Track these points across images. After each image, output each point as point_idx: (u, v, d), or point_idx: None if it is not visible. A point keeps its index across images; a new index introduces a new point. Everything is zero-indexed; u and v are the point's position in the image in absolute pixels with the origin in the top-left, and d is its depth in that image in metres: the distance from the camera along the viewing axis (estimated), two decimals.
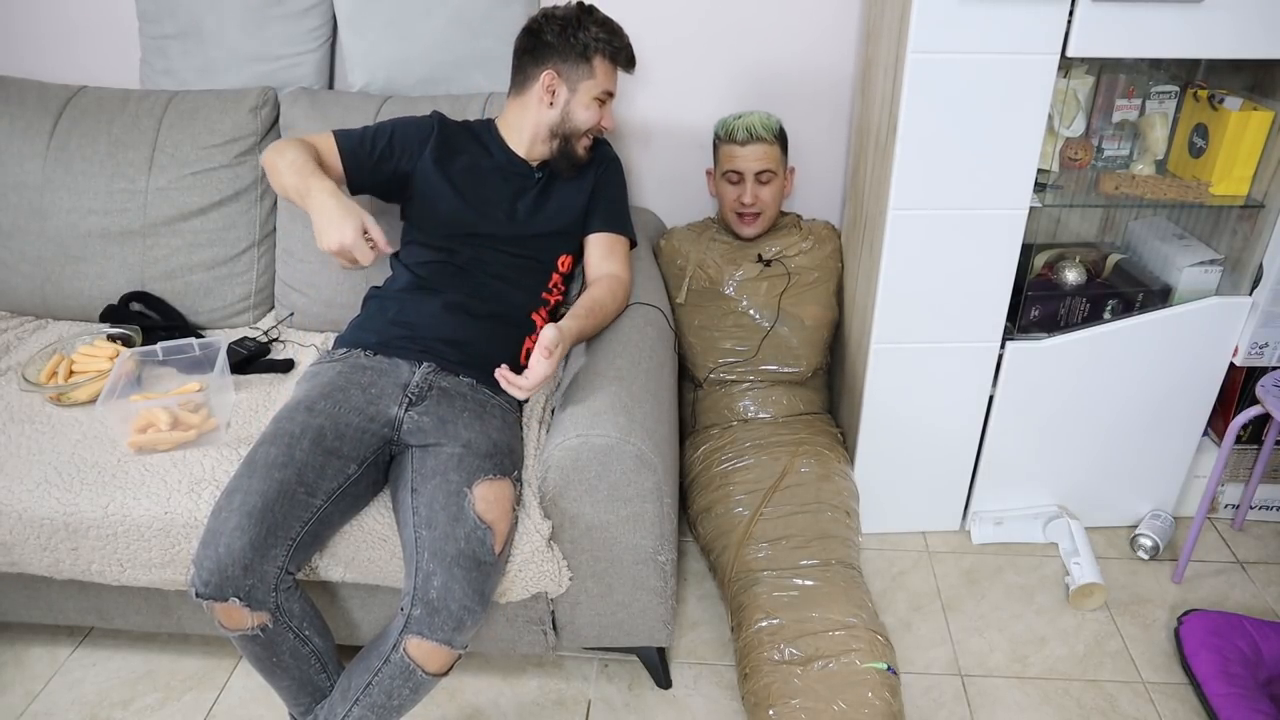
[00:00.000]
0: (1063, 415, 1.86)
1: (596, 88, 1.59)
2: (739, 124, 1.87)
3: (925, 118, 1.55)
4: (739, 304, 1.94)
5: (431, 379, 1.47)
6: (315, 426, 1.36)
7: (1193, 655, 1.65)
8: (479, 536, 1.29)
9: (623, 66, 1.63)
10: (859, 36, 1.94)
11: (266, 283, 1.92)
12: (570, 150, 1.62)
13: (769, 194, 1.90)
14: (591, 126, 1.62)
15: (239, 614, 1.26)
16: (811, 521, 1.72)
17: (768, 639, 1.55)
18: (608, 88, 1.61)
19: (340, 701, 1.32)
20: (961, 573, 1.91)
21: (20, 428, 1.56)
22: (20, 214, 1.85)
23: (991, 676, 1.68)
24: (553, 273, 1.66)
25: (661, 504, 1.40)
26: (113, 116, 1.87)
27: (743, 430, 1.91)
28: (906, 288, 1.71)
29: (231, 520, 1.25)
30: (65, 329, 1.87)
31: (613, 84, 1.62)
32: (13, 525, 1.42)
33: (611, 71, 1.61)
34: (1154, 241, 1.85)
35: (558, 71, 1.58)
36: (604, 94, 1.61)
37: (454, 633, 1.25)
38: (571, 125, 1.60)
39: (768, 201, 1.90)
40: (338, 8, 1.91)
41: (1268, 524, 2.04)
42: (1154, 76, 1.70)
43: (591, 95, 1.59)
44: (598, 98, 1.60)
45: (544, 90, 1.59)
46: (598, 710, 1.63)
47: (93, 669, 1.71)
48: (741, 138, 1.86)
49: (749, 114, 1.88)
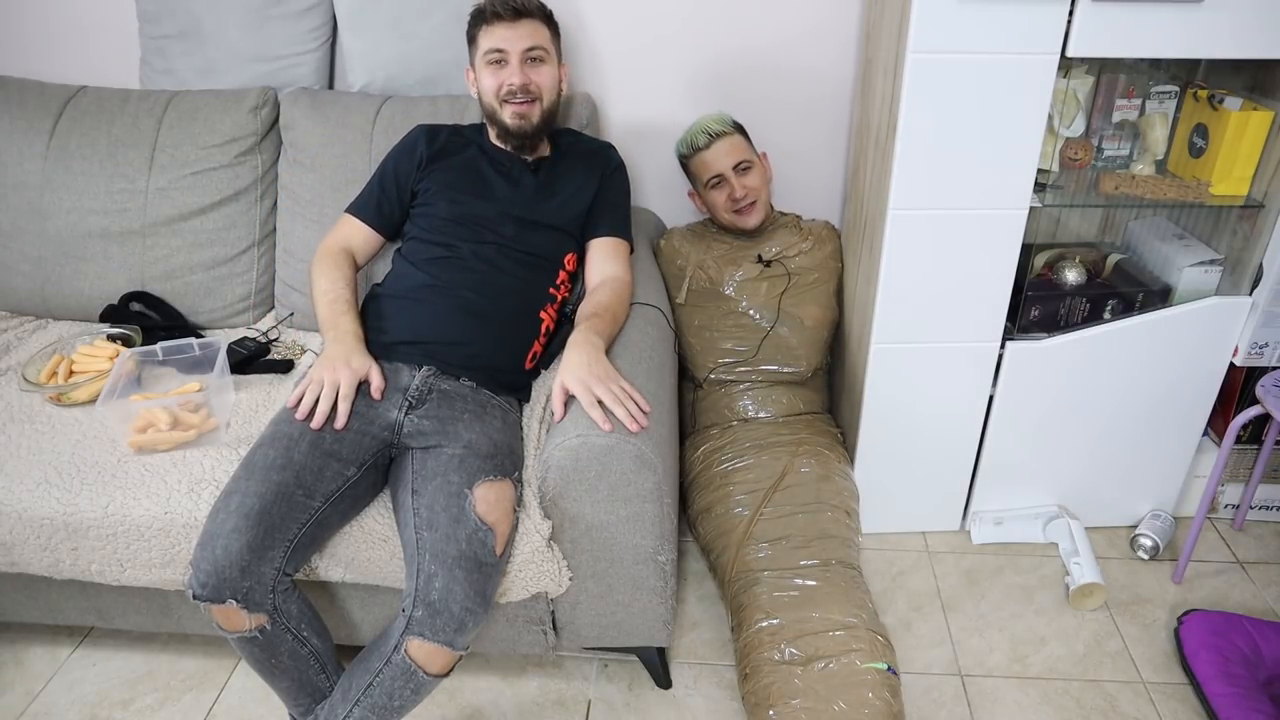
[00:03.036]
0: (1063, 415, 1.86)
1: (482, 52, 1.59)
2: (695, 131, 1.90)
3: (925, 118, 1.55)
4: (739, 304, 1.94)
5: (432, 382, 1.47)
6: (314, 429, 1.36)
7: (1193, 655, 1.65)
8: (480, 538, 1.29)
9: (496, 19, 1.57)
10: (859, 36, 1.94)
11: (266, 283, 1.92)
12: (502, 124, 1.61)
13: (755, 180, 1.91)
14: (497, 91, 1.59)
15: (237, 616, 1.26)
16: (811, 521, 1.72)
17: (768, 639, 1.55)
18: (493, 45, 1.57)
19: (341, 702, 1.32)
20: (961, 573, 1.91)
21: (20, 428, 1.56)
22: (20, 214, 1.85)
23: (991, 676, 1.68)
24: (559, 269, 1.65)
25: (661, 504, 1.40)
26: (113, 116, 1.87)
27: (743, 430, 1.91)
28: (906, 288, 1.71)
29: (229, 522, 1.25)
30: (65, 329, 1.87)
31: (500, 40, 1.57)
32: (13, 525, 1.42)
33: (492, 29, 1.58)
34: (1154, 241, 1.85)
35: (470, 64, 1.64)
36: (491, 53, 1.58)
37: (455, 634, 1.25)
38: (486, 101, 1.62)
39: (757, 187, 1.91)
40: (338, 8, 1.90)
41: (1268, 524, 2.04)
42: (1154, 76, 1.70)
43: (486, 63, 1.59)
44: (488, 61, 1.59)
45: (470, 87, 1.66)
46: (598, 710, 1.63)
47: (93, 669, 1.71)
48: (704, 142, 1.88)
49: (699, 120, 1.91)
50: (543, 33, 1.60)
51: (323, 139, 1.83)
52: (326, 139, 1.83)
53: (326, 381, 1.40)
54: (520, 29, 1.57)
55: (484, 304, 1.54)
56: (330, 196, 1.81)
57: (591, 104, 1.90)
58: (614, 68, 2.00)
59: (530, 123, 1.60)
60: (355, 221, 1.66)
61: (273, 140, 1.90)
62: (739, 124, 1.92)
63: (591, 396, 1.37)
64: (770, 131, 2.04)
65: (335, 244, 1.64)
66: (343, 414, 1.38)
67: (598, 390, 1.37)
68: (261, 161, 1.89)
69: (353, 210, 1.67)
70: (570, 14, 1.95)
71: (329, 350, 1.46)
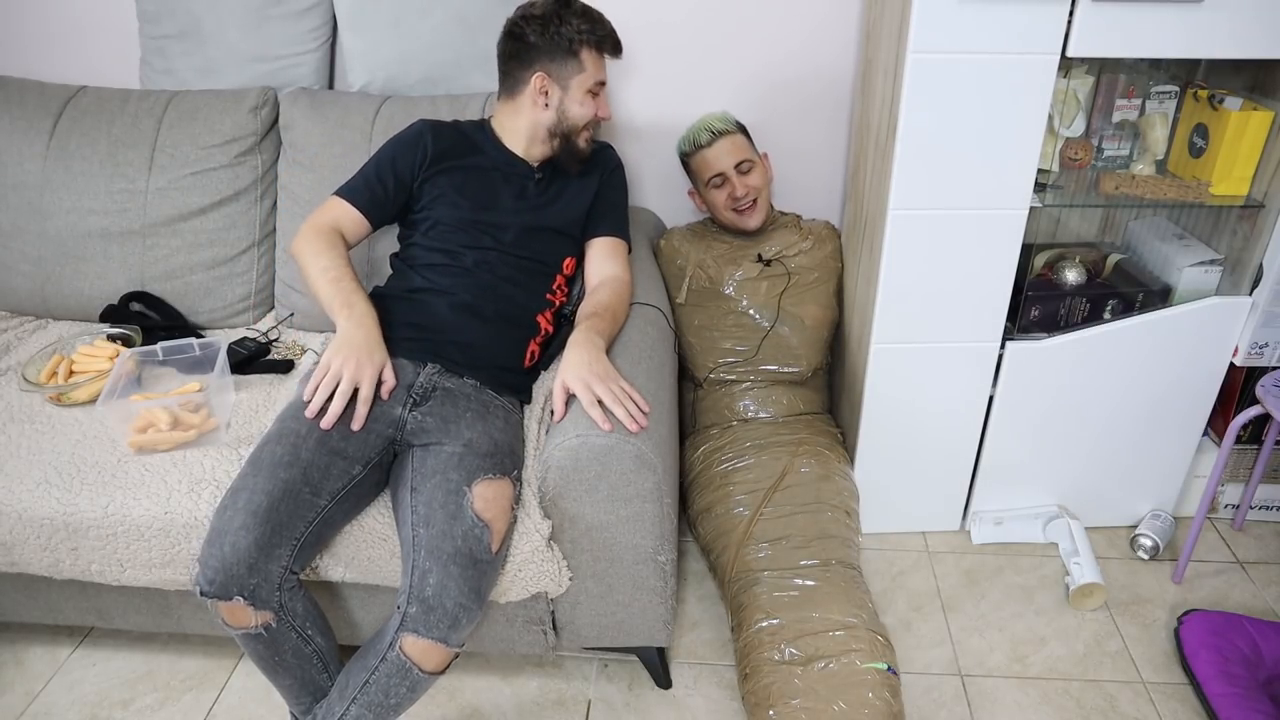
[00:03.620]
0: (1063, 415, 1.86)
1: (588, 80, 1.58)
2: (698, 129, 1.89)
3: (925, 118, 1.55)
4: (739, 304, 1.94)
5: (436, 380, 1.47)
6: (321, 426, 1.36)
7: (1193, 655, 1.65)
8: (476, 535, 1.29)
9: (610, 53, 1.61)
10: (859, 36, 1.94)
11: (266, 283, 1.92)
12: (573, 147, 1.61)
13: (756, 180, 1.91)
14: (590, 120, 1.61)
15: (243, 613, 1.26)
16: (811, 521, 1.72)
17: (768, 639, 1.55)
18: (599, 78, 1.59)
19: (338, 700, 1.32)
20: (961, 573, 1.91)
21: (20, 428, 1.56)
22: (20, 214, 1.85)
23: (991, 676, 1.68)
24: (557, 274, 1.65)
25: (661, 504, 1.40)
26: (113, 116, 1.87)
27: (743, 430, 1.91)
28: (906, 288, 1.71)
29: (237, 519, 1.25)
30: (65, 329, 1.87)
31: (603, 73, 1.61)
32: (13, 525, 1.42)
33: (600, 61, 1.60)
34: (1154, 241, 1.85)
35: (547, 72, 1.56)
36: (596, 85, 1.59)
37: (449, 631, 1.25)
38: (569, 123, 1.59)
39: (758, 187, 1.91)
40: (338, 8, 1.91)
41: (1268, 524, 2.04)
42: (1154, 76, 1.70)
43: (584, 89, 1.58)
44: (590, 90, 1.59)
45: (536, 93, 1.57)
46: (598, 710, 1.63)
47: (93, 669, 1.71)
48: (705, 140, 1.87)
49: (701, 118, 1.91)
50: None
51: (322, 139, 1.83)
52: (326, 139, 1.83)
53: (345, 377, 1.34)
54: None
55: (482, 306, 1.54)
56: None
57: None
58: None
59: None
60: (345, 205, 1.56)
61: (273, 140, 1.90)
62: (741, 124, 1.92)
63: (591, 396, 1.37)
64: (770, 131, 2.04)
65: (324, 223, 1.54)
66: (360, 417, 1.35)
67: (598, 390, 1.38)
68: (261, 161, 1.89)
69: (343, 194, 1.57)
70: None
71: (347, 334, 1.38)
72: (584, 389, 1.38)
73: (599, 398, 1.37)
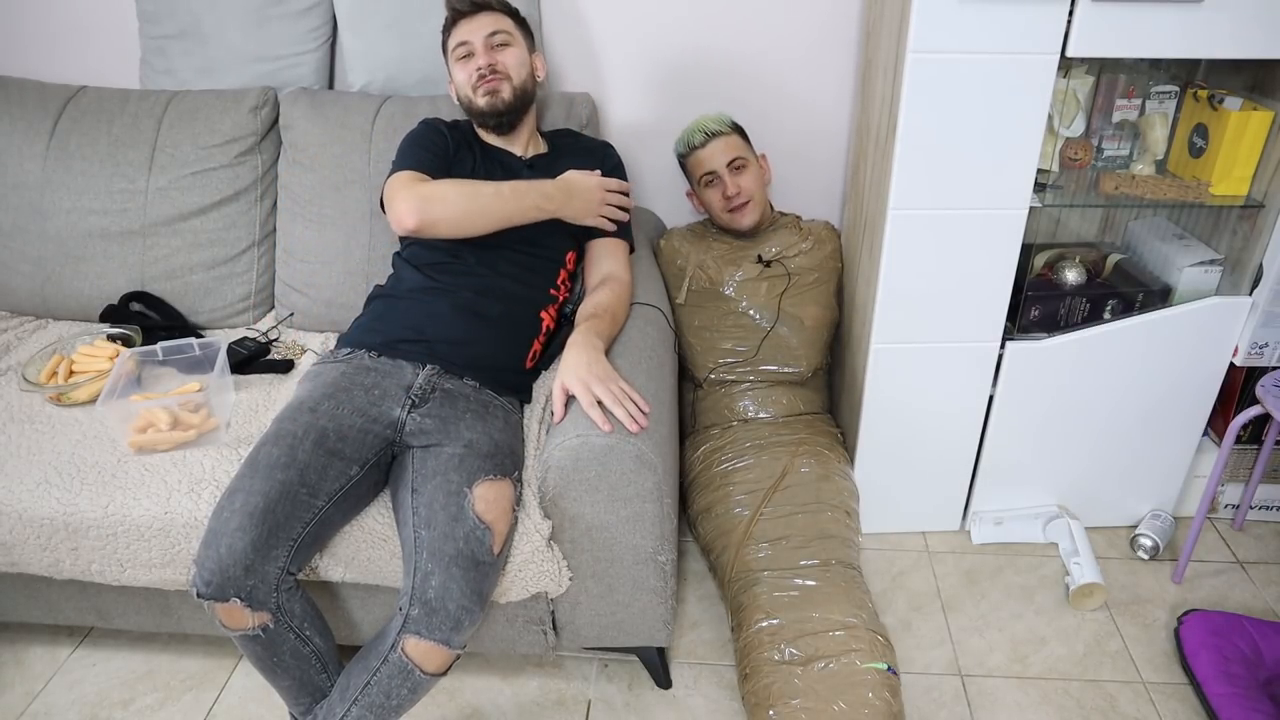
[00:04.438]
0: (1063, 415, 1.86)
1: (450, 54, 1.65)
2: (693, 130, 1.90)
3: (925, 118, 1.55)
4: (739, 304, 1.94)
5: (435, 381, 1.47)
6: (318, 427, 1.36)
7: (1193, 655, 1.65)
8: (478, 536, 1.29)
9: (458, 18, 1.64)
10: (859, 36, 1.94)
11: (266, 283, 1.92)
12: (478, 110, 1.64)
13: (749, 180, 1.90)
14: (469, 81, 1.62)
15: (240, 614, 1.26)
16: (811, 521, 1.72)
17: (768, 639, 1.55)
18: (457, 41, 1.63)
19: (339, 701, 1.32)
20: (961, 573, 1.91)
21: (20, 428, 1.56)
22: (20, 214, 1.85)
23: (991, 676, 1.68)
24: (560, 268, 1.65)
25: (661, 504, 1.40)
26: (113, 116, 1.87)
27: (743, 430, 1.91)
28: (906, 288, 1.71)
29: (233, 520, 1.25)
30: (65, 329, 1.87)
31: (461, 35, 1.63)
32: (13, 525, 1.42)
33: (454, 31, 1.64)
34: (1154, 241, 1.85)
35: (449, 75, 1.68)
36: (458, 48, 1.63)
37: (451, 632, 1.25)
38: (463, 95, 1.65)
39: (751, 188, 1.91)
40: (338, 8, 1.91)
41: (1268, 524, 2.04)
42: (1154, 76, 1.70)
43: (454, 58, 1.64)
44: (457, 58, 1.63)
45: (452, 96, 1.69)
46: (598, 710, 1.63)
47: (93, 669, 1.71)
48: (699, 140, 1.88)
49: (697, 119, 1.91)
50: (504, 21, 1.65)
51: (322, 139, 1.83)
52: (326, 139, 1.83)
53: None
54: (479, 20, 1.62)
55: (485, 305, 1.54)
56: (330, 196, 1.82)
57: (591, 104, 1.90)
58: (614, 68, 2.00)
59: (501, 98, 1.61)
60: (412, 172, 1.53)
61: (273, 140, 1.90)
62: (738, 125, 1.92)
63: (591, 396, 1.37)
64: (770, 131, 2.04)
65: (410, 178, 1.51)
66: None
67: (597, 390, 1.38)
68: (261, 161, 1.89)
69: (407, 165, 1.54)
70: (570, 14, 1.95)
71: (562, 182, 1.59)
72: (583, 390, 1.38)
73: (599, 398, 1.37)
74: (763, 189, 1.95)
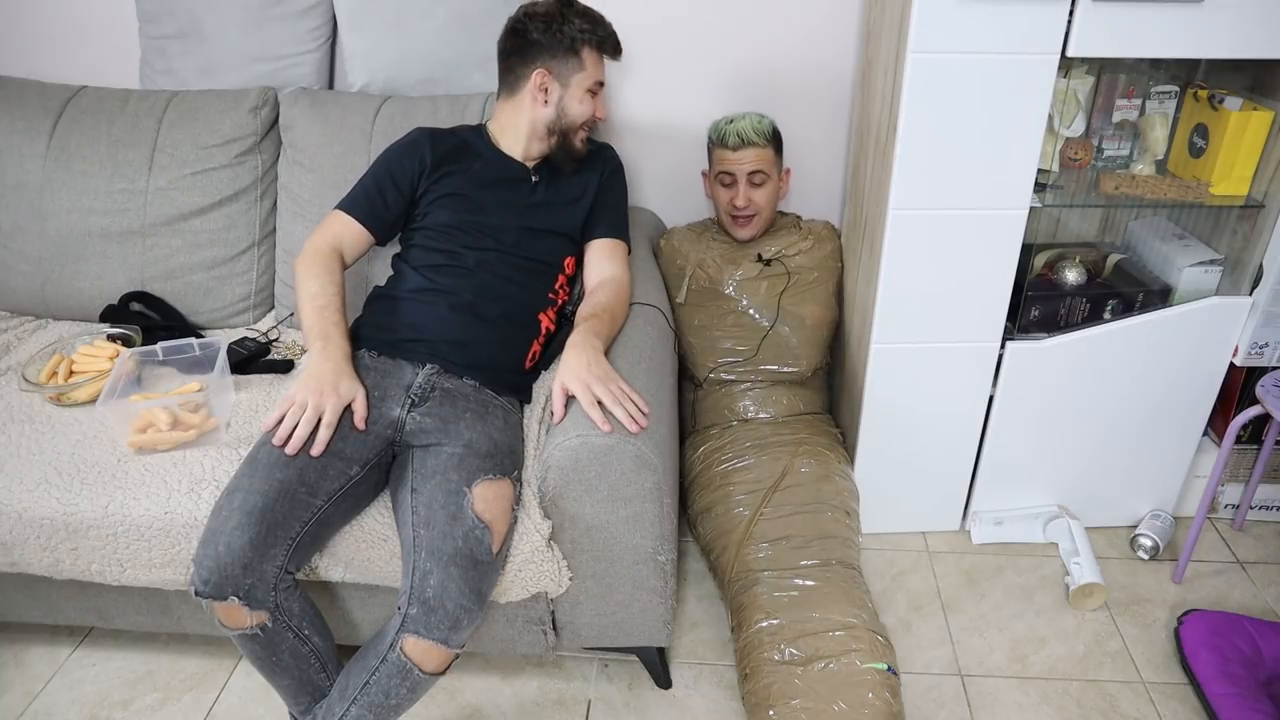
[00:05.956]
0: (1063, 415, 1.86)
1: (588, 80, 1.60)
2: (730, 129, 1.87)
3: (925, 118, 1.55)
4: (739, 304, 1.94)
5: (435, 380, 1.47)
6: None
7: (1193, 655, 1.65)
8: (477, 536, 1.29)
9: (609, 54, 1.63)
10: (859, 36, 1.94)
11: (266, 283, 1.92)
12: (568, 145, 1.62)
13: (762, 196, 1.90)
14: (587, 119, 1.62)
15: (238, 613, 1.26)
16: (811, 521, 1.72)
17: (768, 639, 1.55)
18: (598, 78, 1.61)
19: (338, 700, 1.32)
20: (961, 573, 1.91)
21: (20, 428, 1.56)
22: (20, 214, 1.85)
23: (991, 676, 1.68)
24: (559, 274, 1.65)
25: (661, 504, 1.40)
26: (113, 116, 1.87)
27: (743, 430, 1.91)
28: (906, 288, 1.71)
29: (232, 519, 1.25)
30: (65, 329, 1.87)
31: (602, 73, 1.63)
32: (13, 525, 1.42)
33: (599, 61, 1.62)
34: (1154, 241, 1.85)
35: (548, 69, 1.57)
36: (595, 85, 1.61)
37: (450, 632, 1.25)
38: (568, 120, 1.60)
39: (761, 204, 1.90)
40: (338, 8, 1.91)
41: (1268, 524, 2.04)
42: (1154, 76, 1.70)
43: (584, 88, 1.60)
44: (590, 89, 1.60)
45: (537, 89, 1.58)
46: (598, 710, 1.63)
47: (93, 669, 1.71)
48: (733, 143, 1.86)
49: (740, 117, 1.88)
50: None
51: (322, 139, 1.83)
52: (326, 139, 1.83)
53: (310, 406, 1.34)
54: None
55: (484, 306, 1.54)
56: (330, 197, 1.81)
57: None
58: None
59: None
60: (347, 219, 1.57)
61: (273, 140, 1.90)
62: (777, 136, 1.90)
63: (591, 397, 1.37)
64: None
65: (325, 243, 1.54)
66: (321, 441, 1.33)
67: (597, 390, 1.38)
68: (261, 162, 1.89)
69: (345, 208, 1.58)
70: None
71: (316, 367, 1.39)
72: (583, 390, 1.38)
73: (598, 398, 1.37)
74: (773, 205, 1.95)
